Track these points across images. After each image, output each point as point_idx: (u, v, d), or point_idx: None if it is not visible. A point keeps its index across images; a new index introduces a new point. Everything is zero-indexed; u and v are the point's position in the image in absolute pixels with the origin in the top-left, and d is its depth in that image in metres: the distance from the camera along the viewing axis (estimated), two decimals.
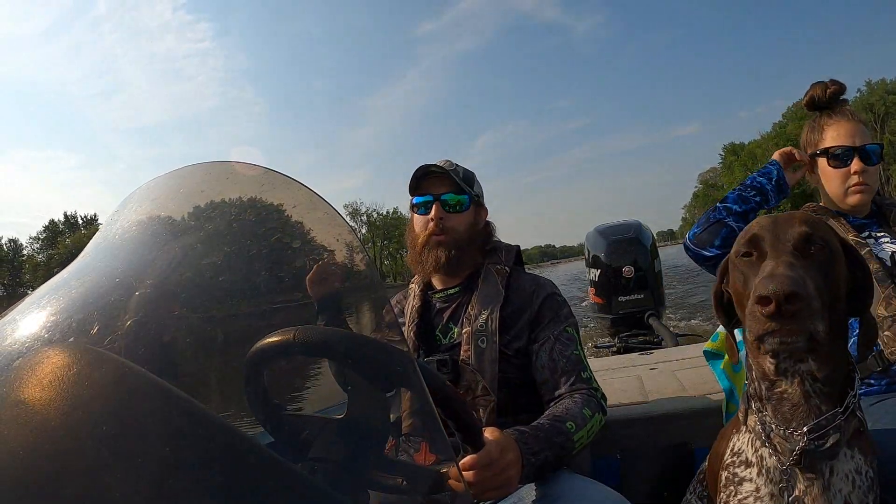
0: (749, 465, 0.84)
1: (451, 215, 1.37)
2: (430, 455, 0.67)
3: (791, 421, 0.79)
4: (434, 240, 1.35)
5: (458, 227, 1.37)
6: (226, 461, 0.47)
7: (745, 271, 0.81)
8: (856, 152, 1.37)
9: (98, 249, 0.69)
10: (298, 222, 0.68)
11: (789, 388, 0.79)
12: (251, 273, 0.68)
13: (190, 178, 0.71)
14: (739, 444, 0.87)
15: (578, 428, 1.12)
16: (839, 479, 0.79)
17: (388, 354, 0.64)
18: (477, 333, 1.28)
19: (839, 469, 0.79)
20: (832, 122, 1.41)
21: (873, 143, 1.38)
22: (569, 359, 1.27)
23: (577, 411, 1.15)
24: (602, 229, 5.06)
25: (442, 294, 1.40)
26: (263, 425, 0.68)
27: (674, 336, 4.20)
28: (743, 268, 0.81)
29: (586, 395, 1.22)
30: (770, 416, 0.81)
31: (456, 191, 1.37)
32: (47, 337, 0.54)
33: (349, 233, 0.65)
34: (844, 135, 1.38)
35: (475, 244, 1.41)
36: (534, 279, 1.41)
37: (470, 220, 1.40)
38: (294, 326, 0.65)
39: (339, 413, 0.70)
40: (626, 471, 1.65)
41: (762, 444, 0.83)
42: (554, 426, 1.08)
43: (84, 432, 0.45)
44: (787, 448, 0.79)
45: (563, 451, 1.07)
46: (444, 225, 1.35)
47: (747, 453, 0.85)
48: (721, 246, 1.46)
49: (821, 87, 1.44)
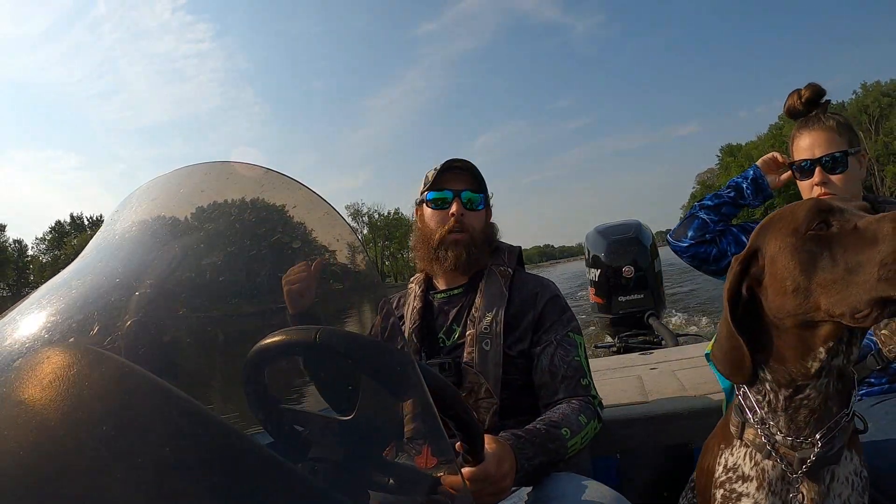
0: (747, 480, 0.81)
1: (470, 213, 1.36)
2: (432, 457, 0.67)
3: (804, 429, 0.77)
4: (452, 237, 1.33)
5: (475, 225, 1.36)
6: (226, 461, 0.47)
7: (824, 248, 0.71)
8: (816, 164, 1.37)
9: (98, 249, 0.69)
10: (298, 222, 0.68)
11: (813, 391, 0.76)
12: (251, 273, 0.68)
13: (190, 178, 0.71)
14: (734, 460, 0.84)
15: (573, 434, 1.13)
16: (839, 484, 0.78)
17: (388, 355, 0.64)
18: (481, 336, 1.28)
19: (839, 473, 0.78)
20: (799, 134, 1.43)
21: (839, 150, 1.36)
22: (569, 365, 1.27)
23: (573, 418, 1.16)
24: (602, 229, 5.06)
25: (445, 295, 1.39)
26: (263, 425, 0.67)
27: (674, 336, 4.20)
28: (817, 244, 0.72)
29: (583, 402, 1.23)
30: (780, 427, 0.78)
31: (475, 188, 1.36)
32: (47, 337, 0.54)
33: (349, 233, 0.65)
34: (806, 147, 1.40)
35: (487, 244, 1.40)
36: (537, 280, 1.40)
37: (484, 219, 1.40)
38: (294, 326, 0.65)
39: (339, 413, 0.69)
40: (626, 471, 1.65)
41: (764, 457, 0.80)
42: (549, 432, 1.10)
43: (84, 432, 0.45)
44: (796, 458, 0.77)
45: (557, 456, 1.09)
46: (463, 222, 1.34)
47: (744, 468, 0.82)
48: (693, 237, 1.53)
49: (796, 95, 1.44)
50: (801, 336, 0.75)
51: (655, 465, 1.65)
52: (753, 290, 0.80)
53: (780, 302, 0.75)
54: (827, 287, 0.70)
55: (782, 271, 0.75)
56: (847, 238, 0.70)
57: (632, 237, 4.84)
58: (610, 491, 1.03)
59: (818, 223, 0.72)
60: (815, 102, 1.43)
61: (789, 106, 1.46)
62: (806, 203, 0.76)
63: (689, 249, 1.54)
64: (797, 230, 0.74)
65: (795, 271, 0.73)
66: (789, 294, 0.74)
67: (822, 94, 1.43)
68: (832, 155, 1.37)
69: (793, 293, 0.73)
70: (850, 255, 0.68)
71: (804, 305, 0.72)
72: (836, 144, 1.37)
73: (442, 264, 1.34)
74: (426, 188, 1.39)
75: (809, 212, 0.74)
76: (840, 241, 0.70)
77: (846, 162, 1.37)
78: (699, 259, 1.54)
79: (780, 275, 0.75)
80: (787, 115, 1.48)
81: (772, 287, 0.77)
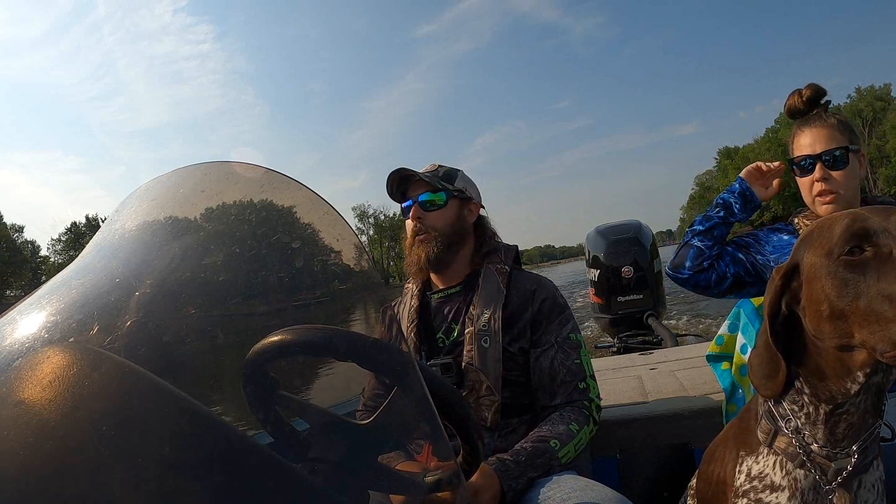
0: (776, 490, 0.78)
1: (430, 213, 1.39)
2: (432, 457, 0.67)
3: (841, 441, 0.75)
4: (417, 239, 1.39)
5: (436, 224, 1.39)
6: (226, 461, 0.47)
7: (858, 274, 0.66)
8: (817, 160, 1.37)
9: (98, 249, 0.69)
10: (298, 222, 0.68)
11: (853, 407, 0.74)
12: (251, 273, 0.68)
13: (190, 178, 0.71)
14: (759, 468, 0.81)
15: (563, 444, 1.17)
16: (865, 491, 0.77)
17: (388, 354, 0.64)
18: (480, 333, 1.28)
19: (866, 481, 0.77)
20: (800, 132, 1.42)
21: (839, 146, 1.36)
22: (569, 369, 1.28)
23: (562, 429, 1.20)
24: (602, 229, 5.05)
25: (441, 294, 1.39)
26: (263, 425, 0.67)
27: (673, 336, 4.20)
28: (850, 271, 0.67)
29: (577, 409, 1.26)
30: (817, 439, 0.76)
31: (431, 190, 1.40)
32: (47, 337, 0.54)
33: (350, 233, 0.65)
34: (807, 143, 1.39)
35: (466, 238, 1.42)
36: (534, 278, 1.41)
37: (451, 214, 1.41)
38: (294, 326, 0.65)
39: (339, 412, 0.69)
40: (626, 471, 1.65)
41: (797, 466, 0.77)
42: (536, 449, 1.14)
43: (84, 432, 0.45)
44: (832, 468, 0.75)
45: (549, 467, 1.14)
46: (422, 223, 1.39)
47: (773, 477, 0.79)
48: (691, 267, 1.52)
49: (797, 95, 1.44)
50: (840, 358, 0.71)
51: (655, 465, 1.65)
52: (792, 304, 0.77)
53: (816, 324, 0.72)
54: (861, 317, 0.66)
55: (818, 294, 0.71)
56: (885, 266, 0.65)
57: (632, 237, 4.83)
58: (610, 491, 1.03)
59: (851, 247, 0.67)
60: (816, 102, 1.42)
61: (790, 105, 1.45)
62: (842, 220, 0.71)
63: (689, 280, 1.54)
64: (830, 252, 0.70)
65: (831, 295, 0.69)
66: (825, 318, 0.70)
67: (823, 93, 1.43)
68: (832, 151, 1.36)
69: (828, 318, 0.70)
70: (885, 285, 0.64)
71: (840, 331, 0.69)
72: (836, 141, 1.37)
73: (417, 263, 1.40)
74: None
75: (844, 233, 0.69)
76: (877, 268, 0.65)
77: (847, 159, 1.36)
78: (701, 287, 1.53)
79: (816, 297, 0.71)
80: (788, 115, 1.48)
81: (809, 308, 0.73)
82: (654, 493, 1.60)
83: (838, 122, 1.39)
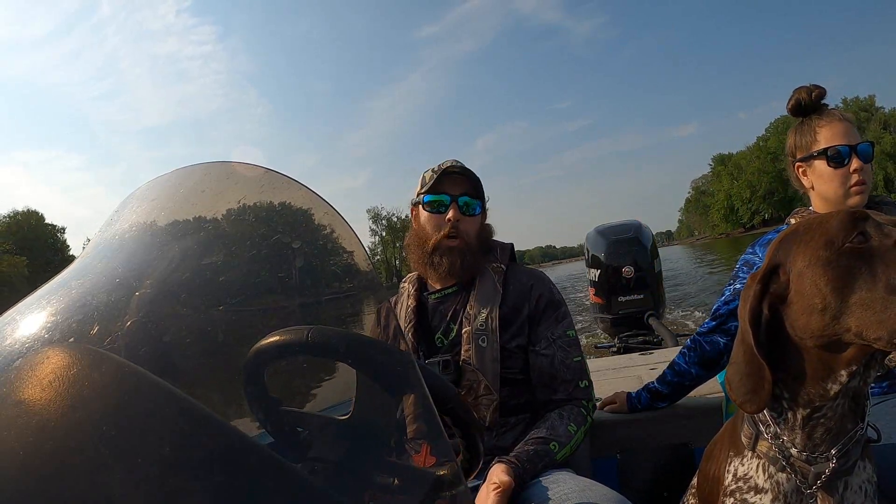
0: (760, 492, 0.79)
1: (466, 218, 1.35)
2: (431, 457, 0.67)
3: (819, 445, 0.75)
4: (447, 244, 1.32)
5: (470, 231, 1.35)
6: (226, 461, 0.47)
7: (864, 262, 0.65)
8: (854, 151, 1.36)
9: (98, 249, 0.69)
10: (298, 222, 0.68)
11: (830, 411, 0.74)
12: (251, 273, 0.68)
13: (190, 178, 0.71)
14: (744, 470, 0.82)
15: (562, 446, 1.19)
16: (852, 493, 0.77)
17: (388, 354, 0.64)
18: (477, 333, 1.28)
19: (853, 483, 0.77)
20: (825, 123, 1.40)
21: (865, 141, 1.37)
22: (569, 367, 1.29)
23: (562, 430, 1.21)
24: (602, 229, 5.05)
25: (439, 294, 1.39)
26: (263, 425, 0.67)
27: (673, 336, 4.20)
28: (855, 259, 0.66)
29: (576, 408, 1.26)
30: (795, 443, 0.76)
31: (472, 193, 1.35)
32: (47, 337, 0.54)
33: (350, 233, 0.65)
34: (840, 134, 1.37)
35: (481, 249, 1.40)
36: (529, 273, 1.41)
37: (479, 224, 1.39)
38: (294, 326, 0.65)
39: (340, 413, 0.69)
40: (626, 471, 1.65)
41: (778, 470, 0.78)
42: (537, 452, 1.15)
43: (84, 432, 0.45)
44: (811, 472, 0.75)
45: (546, 467, 1.15)
46: (459, 228, 1.33)
47: (757, 479, 0.80)
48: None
49: (805, 91, 1.43)
50: (823, 358, 0.71)
51: (655, 465, 1.65)
52: (773, 307, 0.75)
53: (804, 321, 0.71)
54: (863, 307, 0.65)
55: (811, 288, 0.69)
56: (890, 253, 0.64)
57: (632, 237, 4.84)
58: (610, 491, 1.03)
59: (856, 234, 0.66)
60: (823, 100, 1.43)
61: (798, 100, 1.44)
62: (838, 214, 0.71)
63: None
64: (831, 242, 0.68)
65: (826, 288, 0.67)
66: (817, 313, 0.69)
67: (827, 94, 1.43)
68: (866, 144, 1.36)
69: (821, 312, 0.68)
70: (893, 272, 0.63)
71: (832, 326, 0.68)
72: (859, 137, 1.37)
73: (436, 269, 1.34)
74: (424, 190, 1.38)
75: (845, 222, 0.68)
76: (882, 256, 0.64)
77: (873, 154, 1.37)
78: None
79: (808, 291, 0.70)
80: (793, 111, 1.47)
81: (797, 304, 0.72)
82: (653, 493, 1.60)
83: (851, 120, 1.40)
